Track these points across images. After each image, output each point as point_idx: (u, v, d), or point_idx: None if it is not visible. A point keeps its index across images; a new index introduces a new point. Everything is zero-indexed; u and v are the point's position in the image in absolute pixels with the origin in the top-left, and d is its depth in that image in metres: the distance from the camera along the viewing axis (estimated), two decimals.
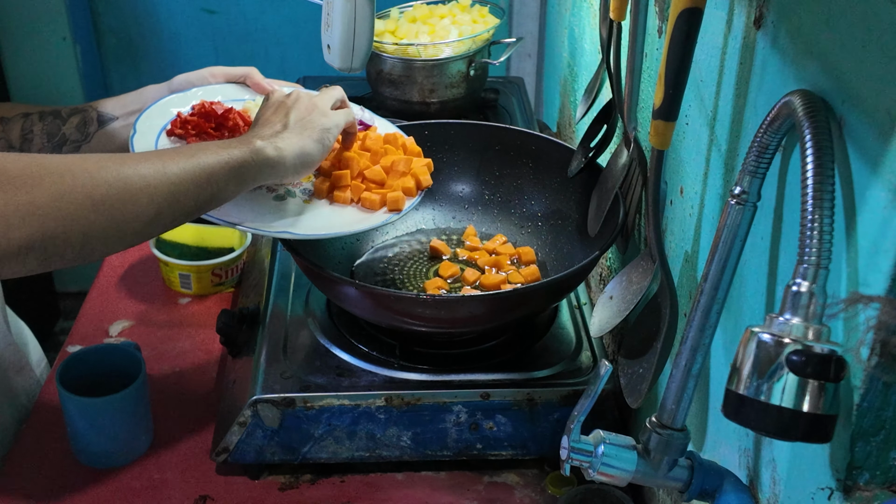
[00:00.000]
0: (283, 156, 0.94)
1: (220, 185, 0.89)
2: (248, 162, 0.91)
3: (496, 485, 1.08)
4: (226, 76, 1.21)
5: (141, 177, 0.82)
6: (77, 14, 2.36)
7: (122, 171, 0.82)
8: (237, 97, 1.19)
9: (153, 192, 0.83)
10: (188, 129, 1.10)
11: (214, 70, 1.21)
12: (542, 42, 2.25)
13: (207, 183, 0.87)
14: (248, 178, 0.92)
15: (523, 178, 1.27)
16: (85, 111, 1.14)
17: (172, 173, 0.85)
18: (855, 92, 0.57)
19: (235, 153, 0.90)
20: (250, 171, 0.91)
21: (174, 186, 0.85)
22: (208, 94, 1.17)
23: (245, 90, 1.21)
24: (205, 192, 0.88)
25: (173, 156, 0.86)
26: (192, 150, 0.89)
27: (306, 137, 0.97)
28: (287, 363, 1.07)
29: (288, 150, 0.94)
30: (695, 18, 0.75)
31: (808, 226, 0.56)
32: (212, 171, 0.88)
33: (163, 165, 0.84)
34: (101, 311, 1.34)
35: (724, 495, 0.72)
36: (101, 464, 1.09)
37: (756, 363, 0.58)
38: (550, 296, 1.09)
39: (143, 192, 0.82)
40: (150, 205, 0.83)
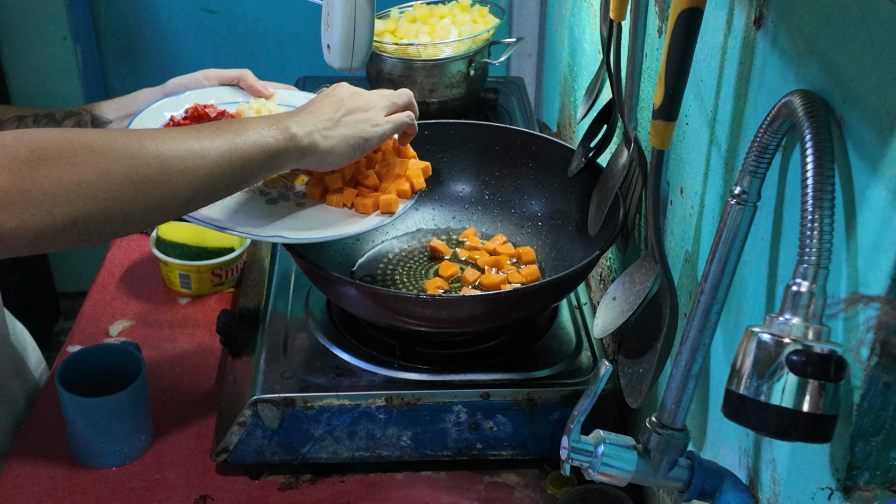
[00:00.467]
0: (315, 149, 0.95)
1: (254, 170, 0.90)
2: (283, 150, 0.92)
3: (496, 485, 1.08)
4: (219, 79, 1.21)
5: (180, 159, 0.84)
6: (77, 14, 2.36)
7: (162, 152, 0.83)
8: (231, 100, 1.19)
9: (191, 175, 0.84)
10: None
11: (208, 73, 1.21)
12: (542, 42, 2.25)
13: (242, 168, 0.89)
14: (280, 164, 0.93)
15: (523, 178, 1.27)
16: (79, 114, 1.14)
17: (210, 157, 0.86)
18: (855, 92, 0.57)
19: (272, 141, 0.91)
20: (283, 158, 0.93)
21: (212, 170, 0.86)
22: (202, 98, 1.17)
23: (239, 93, 1.21)
24: (239, 176, 0.89)
25: (212, 137, 0.87)
26: (231, 130, 0.89)
27: (342, 140, 0.97)
28: (287, 363, 1.07)
29: (321, 144, 0.95)
30: (695, 18, 0.75)
31: (808, 226, 0.56)
32: (249, 157, 0.89)
33: (201, 148, 0.85)
34: (101, 311, 1.34)
35: (724, 495, 0.72)
36: (101, 464, 1.09)
37: (756, 363, 0.58)
38: (550, 296, 1.09)
39: (182, 175, 0.84)
40: (188, 187, 0.85)
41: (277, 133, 0.92)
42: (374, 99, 1.03)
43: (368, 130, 1.00)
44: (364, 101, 1.02)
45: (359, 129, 0.99)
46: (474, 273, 1.17)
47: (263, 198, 1.06)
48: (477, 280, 1.16)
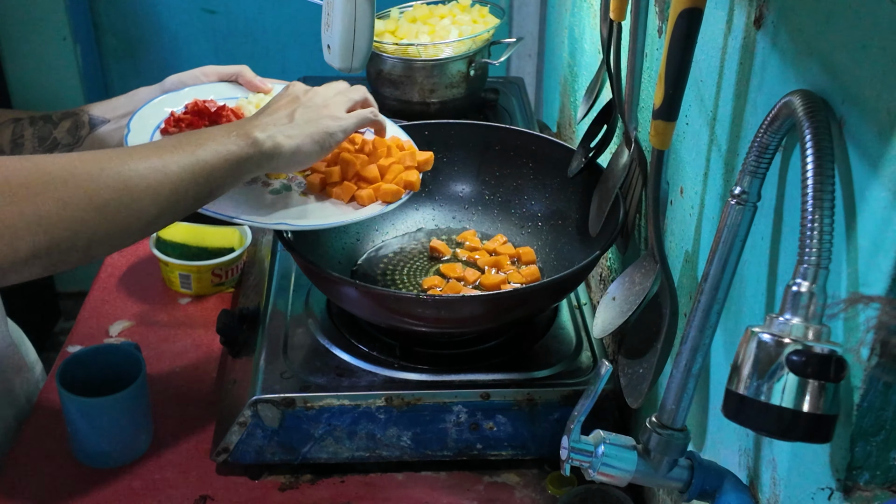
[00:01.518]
0: (280, 151, 0.94)
1: (218, 181, 0.89)
2: (246, 156, 0.91)
3: (496, 485, 1.08)
4: (218, 75, 1.21)
5: (142, 178, 0.82)
6: (77, 14, 2.36)
7: (122, 173, 0.81)
8: (230, 95, 1.19)
9: (155, 194, 0.83)
10: (182, 128, 1.10)
11: (206, 69, 1.21)
12: (542, 42, 2.25)
13: (206, 180, 0.88)
14: (245, 171, 0.92)
15: (523, 178, 1.27)
16: (76, 115, 1.14)
17: (173, 172, 0.84)
18: (855, 92, 0.57)
19: (233, 148, 0.90)
20: (247, 165, 0.92)
21: (175, 186, 0.85)
22: (201, 93, 1.17)
23: (238, 88, 1.21)
24: (204, 188, 0.88)
25: (172, 151, 0.86)
26: (191, 143, 0.88)
27: (307, 136, 0.96)
28: (287, 363, 1.07)
29: (286, 145, 0.94)
30: (695, 18, 0.75)
31: (808, 226, 0.56)
32: (211, 168, 0.88)
33: (163, 164, 0.84)
34: (101, 311, 1.34)
35: (724, 495, 0.72)
36: (101, 464, 1.09)
37: (756, 363, 0.58)
38: (550, 296, 1.09)
39: (145, 194, 0.82)
40: (153, 205, 0.83)
41: (239, 140, 0.91)
42: (329, 94, 1.02)
43: (331, 125, 0.99)
44: (320, 97, 1.01)
45: (321, 125, 0.98)
46: (474, 273, 1.17)
47: (266, 188, 1.06)
48: (477, 280, 1.16)
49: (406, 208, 1.26)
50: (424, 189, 1.27)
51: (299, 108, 0.99)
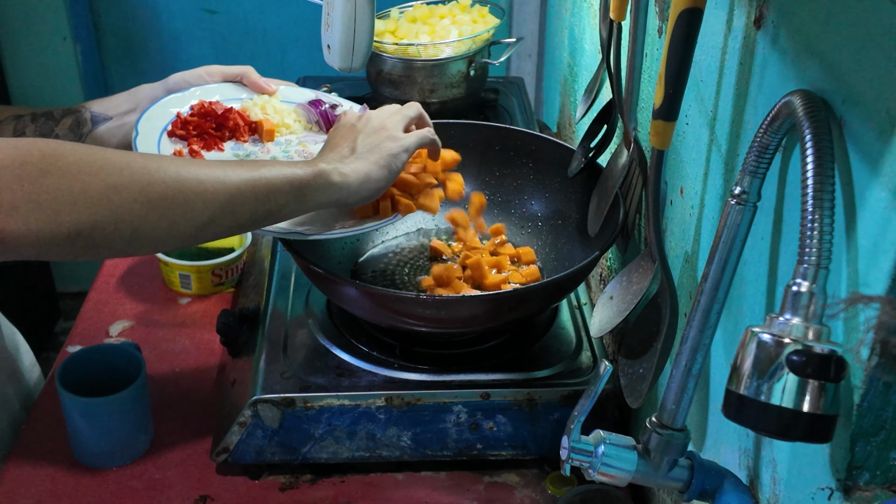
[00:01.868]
0: (347, 182, 0.92)
1: (279, 201, 0.88)
2: (310, 183, 0.90)
3: (496, 485, 1.08)
4: (222, 75, 1.20)
5: (199, 181, 0.82)
6: (77, 14, 2.36)
7: (180, 173, 0.81)
8: (235, 96, 1.19)
9: (209, 198, 0.82)
10: (189, 130, 1.10)
11: (210, 69, 1.20)
12: (542, 42, 2.25)
13: (266, 197, 0.86)
14: (310, 198, 0.91)
15: (523, 178, 1.27)
16: (78, 112, 1.13)
17: (231, 182, 0.84)
18: (855, 92, 0.57)
19: (299, 172, 0.89)
20: (313, 192, 0.90)
21: (231, 195, 0.84)
22: (206, 94, 1.17)
23: (242, 89, 1.21)
24: (263, 205, 0.87)
25: (236, 166, 0.86)
26: (257, 164, 0.88)
27: (372, 163, 0.95)
28: (287, 363, 1.07)
29: (353, 175, 0.93)
30: (695, 18, 0.75)
31: (808, 226, 0.56)
32: (273, 185, 0.87)
33: (223, 173, 0.84)
34: (101, 311, 1.34)
35: (724, 495, 0.72)
36: (101, 464, 1.09)
37: (756, 363, 0.58)
38: (550, 296, 1.09)
39: (199, 197, 0.82)
40: (205, 210, 0.82)
41: (306, 167, 0.90)
42: (384, 116, 1.01)
43: (393, 147, 0.97)
44: (376, 120, 1.00)
45: (384, 148, 0.97)
46: (467, 272, 1.17)
47: None
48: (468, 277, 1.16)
49: None
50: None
51: (359, 137, 0.98)
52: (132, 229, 0.79)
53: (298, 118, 1.19)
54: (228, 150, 1.13)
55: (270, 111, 1.18)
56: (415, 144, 1.00)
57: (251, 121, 1.16)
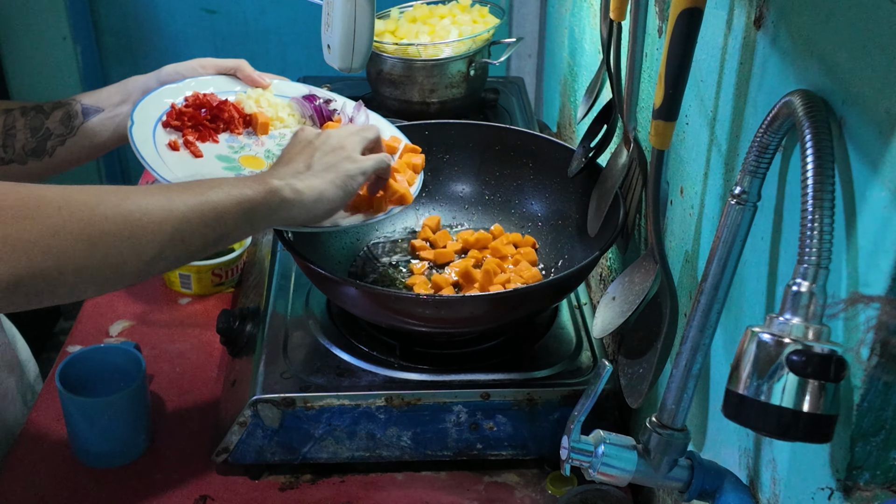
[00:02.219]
0: (301, 199, 0.89)
1: (229, 224, 0.83)
2: (261, 202, 0.86)
3: (496, 485, 1.08)
4: (216, 68, 1.20)
5: (144, 212, 0.77)
6: (77, 14, 2.36)
7: (123, 205, 0.76)
8: (229, 89, 1.19)
9: (156, 229, 0.77)
10: (184, 121, 1.10)
11: (204, 61, 1.19)
12: (542, 42, 2.25)
13: (216, 222, 0.82)
14: (261, 218, 0.87)
15: (523, 178, 1.27)
16: (68, 105, 1.12)
17: (178, 210, 0.79)
18: (855, 92, 0.57)
19: (248, 192, 0.85)
20: (263, 212, 0.86)
21: (179, 223, 0.79)
22: (201, 86, 1.16)
23: (237, 83, 1.21)
24: (213, 231, 0.82)
25: (181, 191, 0.81)
26: (203, 186, 0.83)
27: (328, 182, 0.92)
28: (287, 363, 1.07)
29: (307, 192, 0.90)
30: (695, 18, 0.75)
31: (808, 226, 0.56)
32: (222, 209, 0.82)
33: (168, 200, 0.79)
34: (101, 311, 1.34)
35: (724, 495, 0.72)
36: (101, 464, 1.09)
37: (756, 363, 0.58)
38: (550, 296, 1.09)
39: (145, 229, 0.77)
40: (153, 242, 0.77)
41: (255, 185, 0.86)
42: (343, 136, 0.98)
43: (351, 168, 0.94)
44: (335, 139, 0.97)
45: (341, 168, 0.93)
46: (476, 272, 1.17)
47: None
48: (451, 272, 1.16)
49: (406, 208, 1.26)
50: (425, 189, 1.27)
51: (316, 154, 0.95)
52: (75, 272, 0.73)
53: (293, 112, 1.20)
54: (223, 141, 1.13)
55: (265, 104, 1.18)
56: (371, 168, 0.97)
57: (246, 113, 1.16)
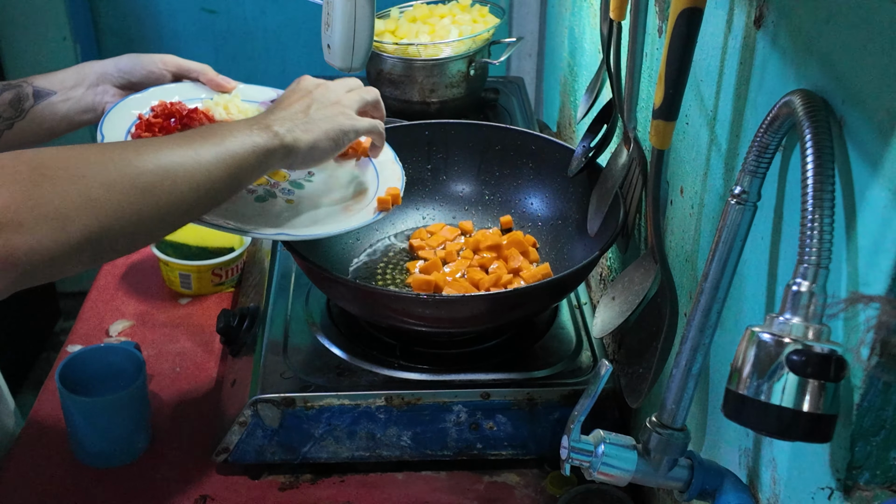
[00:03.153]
0: (298, 146, 0.92)
1: (247, 171, 0.88)
2: (272, 148, 0.90)
3: (496, 485, 1.08)
4: (178, 67, 1.17)
5: (179, 164, 0.82)
6: (77, 14, 2.36)
7: (160, 158, 0.81)
8: (194, 96, 1.16)
9: (191, 179, 0.82)
10: (155, 132, 1.07)
11: (166, 58, 1.17)
12: (542, 42, 2.25)
13: (238, 169, 0.87)
14: (270, 164, 0.91)
15: (523, 178, 1.27)
16: (19, 87, 1.09)
17: (206, 161, 0.84)
18: (855, 92, 0.57)
19: (259, 140, 0.89)
20: (272, 158, 0.90)
21: (209, 173, 0.84)
22: (165, 95, 1.14)
23: (201, 89, 1.18)
24: (234, 178, 0.87)
25: (201, 141, 0.85)
26: (216, 134, 0.87)
27: (322, 132, 0.95)
28: (287, 363, 1.07)
29: (302, 140, 0.93)
30: (695, 18, 0.75)
31: (808, 226, 0.56)
32: (241, 157, 0.87)
33: (195, 153, 0.83)
34: (101, 311, 1.34)
35: (724, 495, 0.72)
36: (101, 464, 1.09)
37: (756, 363, 0.58)
38: (550, 296, 1.09)
39: (183, 179, 0.81)
40: (191, 191, 0.82)
41: (262, 132, 0.90)
42: (340, 90, 1.01)
43: (345, 123, 0.97)
44: (333, 92, 1.00)
45: (336, 121, 0.96)
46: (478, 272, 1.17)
47: (251, 196, 1.04)
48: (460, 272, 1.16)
49: (406, 208, 1.26)
50: (425, 188, 1.27)
51: (313, 104, 0.97)
52: (133, 224, 0.78)
53: None
54: None
55: (234, 110, 1.15)
56: (365, 129, 1.00)
57: (217, 121, 1.12)
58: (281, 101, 0.99)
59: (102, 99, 1.13)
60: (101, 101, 1.12)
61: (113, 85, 1.14)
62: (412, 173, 1.27)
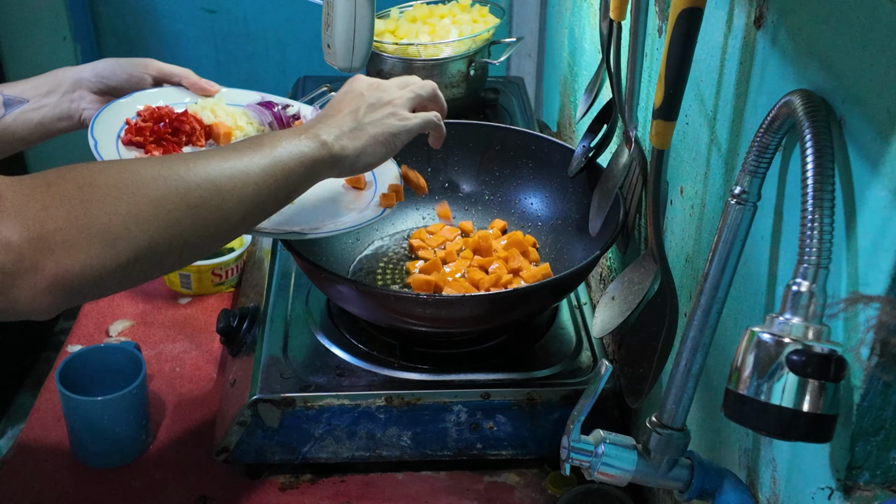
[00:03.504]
0: (346, 154, 0.90)
1: (295, 183, 0.86)
2: (319, 158, 0.88)
3: (496, 485, 1.08)
4: (160, 71, 1.15)
5: (228, 178, 0.80)
6: (77, 14, 2.36)
7: (209, 172, 0.79)
8: (178, 100, 1.14)
9: (240, 194, 0.80)
10: (146, 136, 1.05)
11: (148, 62, 1.15)
12: (542, 42, 2.25)
13: (285, 182, 0.84)
14: (318, 174, 0.89)
15: (523, 178, 1.27)
16: None
17: (255, 174, 0.82)
18: (855, 92, 0.57)
19: (307, 150, 0.87)
20: (320, 167, 0.88)
21: (258, 187, 0.82)
22: (150, 100, 1.11)
23: (184, 93, 1.16)
24: (283, 190, 0.85)
25: (250, 153, 0.83)
26: (265, 145, 0.85)
27: (371, 137, 0.92)
28: (287, 363, 1.07)
29: (350, 149, 0.91)
30: (695, 18, 0.75)
31: (808, 225, 0.56)
32: (290, 169, 0.85)
33: (244, 166, 0.81)
34: (101, 311, 1.34)
35: (724, 495, 0.72)
36: (101, 464, 1.09)
37: (756, 363, 0.58)
38: (550, 296, 1.09)
39: (232, 194, 0.79)
40: (239, 206, 0.80)
41: (310, 142, 0.88)
42: (394, 90, 0.98)
43: (396, 125, 0.94)
44: (386, 93, 0.97)
45: (386, 124, 0.94)
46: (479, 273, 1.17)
47: None
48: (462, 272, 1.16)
49: (406, 208, 1.27)
50: None
51: (363, 107, 0.95)
52: (181, 241, 0.76)
53: (250, 120, 1.15)
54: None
55: (221, 114, 1.13)
56: (418, 127, 0.97)
57: (206, 124, 1.11)
58: (333, 104, 0.97)
59: (79, 106, 1.10)
60: (78, 108, 1.10)
61: (90, 91, 1.11)
62: None
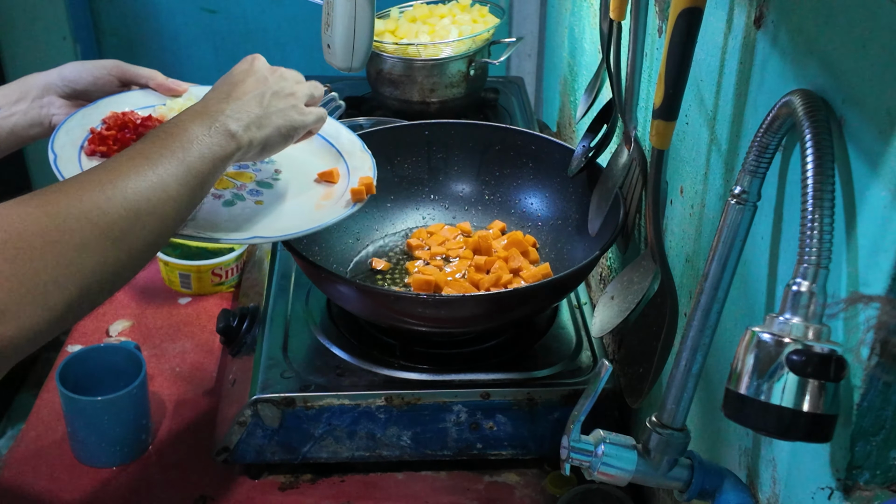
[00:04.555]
0: (252, 146, 0.90)
1: (209, 183, 0.86)
2: (230, 153, 0.87)
3: (496, 485, 1.08)
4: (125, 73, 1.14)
5: (146, 200, 0.78)
6: (77, 14, 2.36)
7: (128, 198, 0.77)
8: (146, 104, 1.12)
9: (161, 212, 0.79)
10: (109, 145, 1.02)
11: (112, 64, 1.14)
12: (542, 42, 2.25)
13: (200, 187, 0.84)
14: (226, 168, 0.89)
15: (523, 178, 1.27)
16: None
17: (172, 188, 0.80)
18: (855, 92, 0.57)
19: (217, 150, 0.86)
20: (228, 162, 0.88)
21: (177, 203, 0.81)
22: (116, 105, 1.09)
23: (152, 95, 1.14)
24: (198, 195, 0.84)
25: (163, 162, 0.81)
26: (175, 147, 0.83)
27: (275, 129, 0.93)
28: (287, 363, 1.07)
29: (257, 140, 0.91)
30: (695, 18, 0.75)
31: (808, 225, 0.56)
32: (204, 173, 0.84)
33: (161, 181, 0.80)
34: (101, 311, 1.34)
35: (724, 495, 0.72)
36: (101, 464, 1.09)
37: (756, 363, 0.58)
38: (550, 296, 1.09)
39: (153, 216, 0.79)
40: (162, 225, 0.80)
41: (220, 139, 0.87)
42: (292, 81, 0.99)
43: (297, 119, 0.95)
44: (288, 82, 0.97)
45: (289, 117, 0.94)
46: (479, 273, 1.17)
47: (219, 201, 1.00)
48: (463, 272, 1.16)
49: (405, 207, 1.27)
50: (425, 188, 1.27)
51: (268, 94, 0.95)
52: (112, 276, 0.75)
53: None
54: None
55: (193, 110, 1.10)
56: (311, 124, 0.98)
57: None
58: (235, 80, 0.96)
59: (49, 111, 1.08)
60: (48, 114, 1.08)
61: (59, 95, 1.10)
62: (412, 173, 1.28)
